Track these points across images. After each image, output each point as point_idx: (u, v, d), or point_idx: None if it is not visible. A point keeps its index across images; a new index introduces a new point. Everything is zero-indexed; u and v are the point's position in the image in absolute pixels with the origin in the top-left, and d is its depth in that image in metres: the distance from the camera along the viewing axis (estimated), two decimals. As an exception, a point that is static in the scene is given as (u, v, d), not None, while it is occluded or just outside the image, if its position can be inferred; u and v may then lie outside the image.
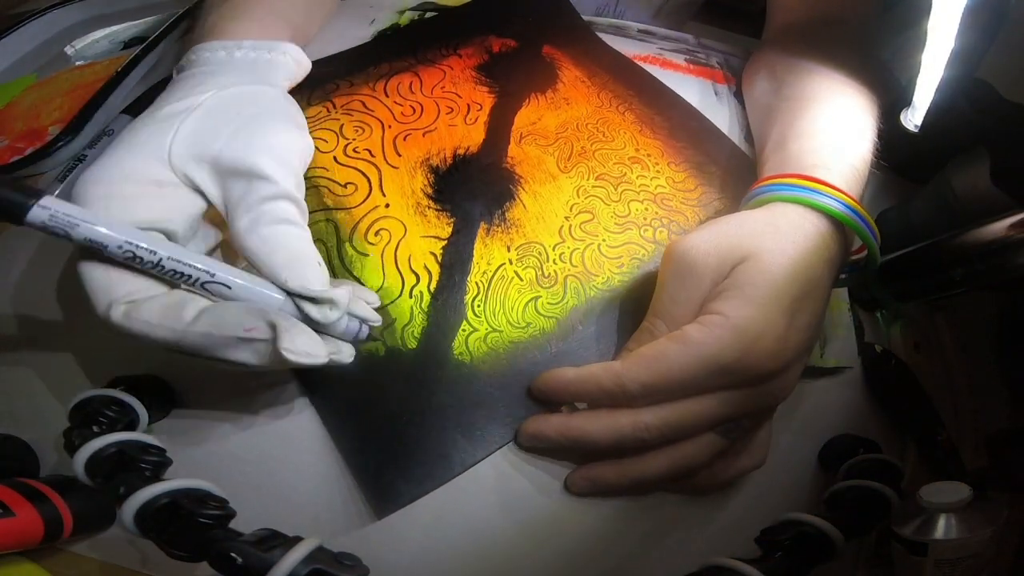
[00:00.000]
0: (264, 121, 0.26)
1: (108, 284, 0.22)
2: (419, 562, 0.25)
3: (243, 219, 0.23)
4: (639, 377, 0.24)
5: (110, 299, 0.21)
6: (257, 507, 0.25)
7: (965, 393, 0.34)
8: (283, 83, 0.31)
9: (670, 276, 0.27)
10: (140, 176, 0.23)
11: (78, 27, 0.47)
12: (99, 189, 0.23)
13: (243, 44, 0.30)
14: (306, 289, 0.23)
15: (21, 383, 0.28)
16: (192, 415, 0.27)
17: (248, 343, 0.21)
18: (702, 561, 0.24)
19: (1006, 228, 0.28)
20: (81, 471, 0.22)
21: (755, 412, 0.26)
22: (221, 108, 0.26)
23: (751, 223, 0.27)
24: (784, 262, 0.25)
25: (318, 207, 0.32)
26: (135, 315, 0.21)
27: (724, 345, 0.23)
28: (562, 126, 0.37)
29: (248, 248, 0.23)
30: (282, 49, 0.31)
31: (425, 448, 0.26)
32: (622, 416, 0.25)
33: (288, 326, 0.21)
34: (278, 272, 0.23)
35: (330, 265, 0.30)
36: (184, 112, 0.25)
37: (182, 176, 0.24)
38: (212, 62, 0.29)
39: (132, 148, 0.24)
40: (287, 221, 0.24)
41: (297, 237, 0.24)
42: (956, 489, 0.25)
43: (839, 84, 0.34)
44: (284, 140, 0.26)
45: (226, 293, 0.23)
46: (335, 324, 0.24)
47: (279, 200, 0.24)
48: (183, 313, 0.21)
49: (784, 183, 0.29)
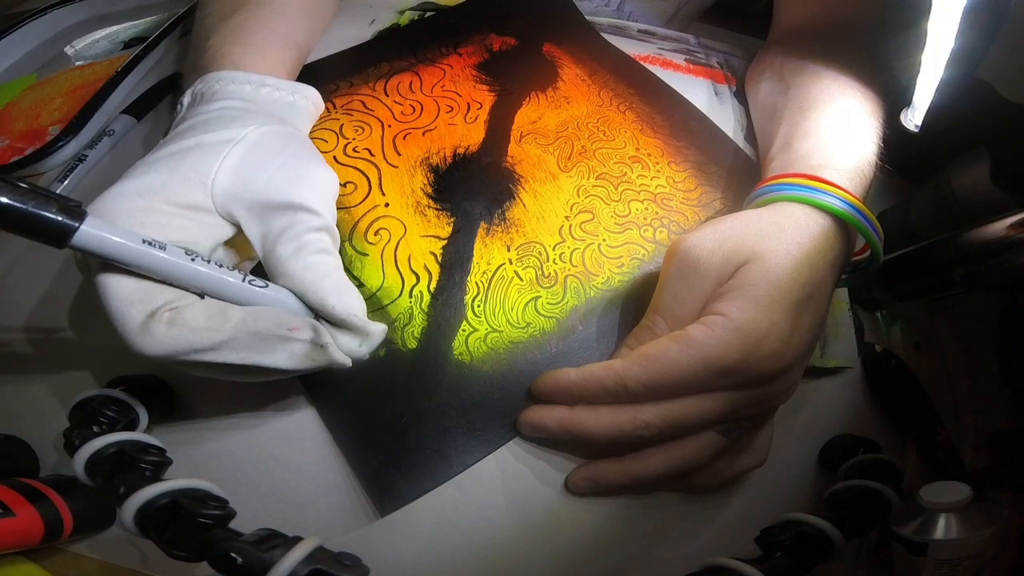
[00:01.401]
0: (304, 158, 0.27)
1: (146, 294, 0.21)
2: (419, 562, 0.25)
3: (287, 247, 0.24)
4: (641, 377, 0.24)
5: (151, 307, 0.21)
6: (257, 507, 0.25)
7: (965, 393, 0.34)
8: (305, 126, 0.33)
9: (673, 273, 0.27)
10: (180, 199, 0.24)
11: (78, 27, 0.47)
12: (139, 202, 0.23)
13: (267, 81, 0.31)
14: (351, 317, 0.23)
15: (21, 383, 0.28)
16: (192, 415, 0.27)
17: (287, 344, 0.22)
18: (702, 561, 0.24)
19: (1006, 228, 0.28)
20: (81, 471, 0.22)
21: (756, 413, 0.26)
22: (264, 143, 0.27)
23: (756, 223, 0.27)
24: (789, 263, 0.25)
25: (318, 207, 0.32)
26: (180, 321, 0.21)
27: (727, 346, 0.23)
28: (562, 125, 0.37)
29: (293, 274, 0.24)
30: (304, 93, 0.32)
31: (425, 448, 0.26)
32: (622, 413, 0.25)
33: (329, 329, 0.23)
34: (326, 297, 0.23)
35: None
36: (228, 143, 0.26)
37: (221, 207, 0.24)
38: (240, 96, 0.29)
39: (176, 170, 0.24)
40: (328, 252, 0.25)
41: (339, 268, 0.25)
42: (956, 489, 0.25)
43: (846, 86, 0.34)
44: (324, 176, 0.27)
45: (260, 298, 0.23)
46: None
47: (323, 232, 0.25)
48: (228, 315, 0.22)
49: (790, 183, 0.29)
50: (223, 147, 0.25)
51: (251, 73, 0.30)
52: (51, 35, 0.46)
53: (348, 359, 0.23)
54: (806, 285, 0.25)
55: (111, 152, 0.37)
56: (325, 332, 0.23)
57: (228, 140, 0.26)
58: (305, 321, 0.23)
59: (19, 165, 0.35)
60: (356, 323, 0.23)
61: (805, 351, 0.26)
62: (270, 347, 0.22)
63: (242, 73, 0.30)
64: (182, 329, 0.21)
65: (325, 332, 0.23)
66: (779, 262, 0.25)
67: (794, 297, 0.25)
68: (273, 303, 0.23)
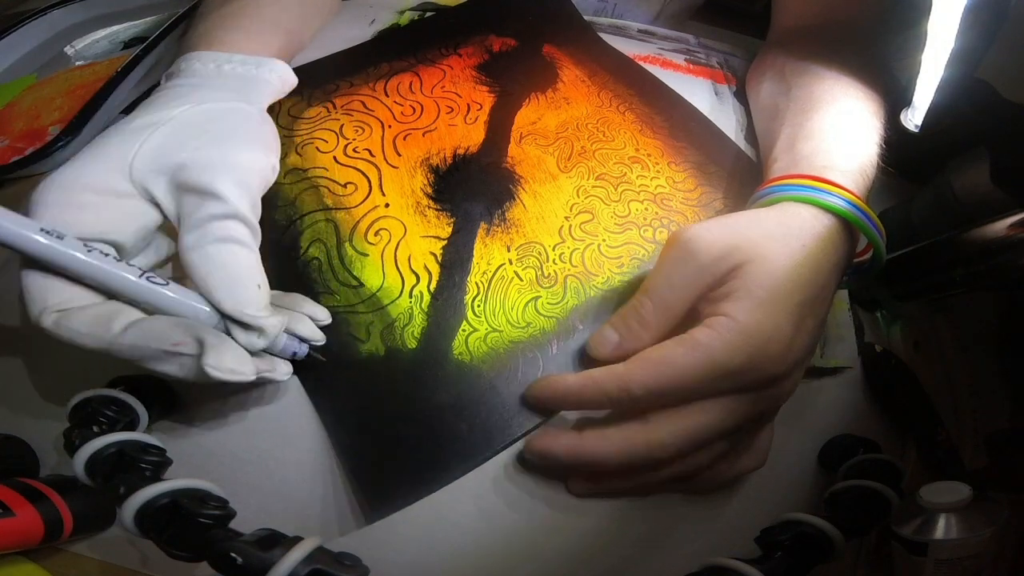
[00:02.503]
0: (230, 140, 0.27)
1: (43, 291, 0.22)
2: (419, 562, 0.25)
3: (189, 235, 0.24)
4: (645, 381, 0.23)
5: (43, 306, 0.22)
6: (257, 507, 0.25)
7: (965, 393, 0.34)
8: (265, 100, 0.31)
9: (669, 259, 0.26)
10: (99, 185, 0.23)
11: (78, 27, 0.47)
12: (57, 195, 0.23)
13: (233, 58, 0.30)
14: (239, 312, 0.23)
15: (21, 383, 0.28)
16: (192, 415, 0.27)
17: (175, 357, 0.22)
18: (702, 561, 0.24)
19: (1006, 228, 0.28)
20: (81, 471, 0.22)
21: (760, 415, 0.26)
22: (190, 124, 0.26)
23: (762, 222, 0.27)
24: (792, 265, 0.25)
25: (318, 207, 0.32)
26: (64, 323, 0.22)
27: (732, 349, 0.23)
28: (562, 126, 0.37)
29: (189, 264, 0.23)
30: (269, 66, 0.31)
31: (425, 448, 0.26)
32: (635, 435, 0.24)
33: (216, 343, 0.22)
34: (212, 292, 0.23)
35: (329, 265, 0.30)
36: (153, 125, 0.25)
37: (140, 188, 0.24)
38: (199, 74, 0.29)
39: (96, 157, 0.24)
40: (234, 240, 0.24)
41: (241, 257, 0.24)
42: (956, 489, 0.25)
43: (848, 86, 0.34)
44: (245, 160, 0.26)
45: (158, 304, 0.23)
46: (273, 343, 0.24)
47: (228, 220, 0.24)
48: (112, 324, 0.22)
49: (795, 183, 0.29)
50: (147, 129, 0.25)
51: (220, 52, 0.30)
52: (51, 35, 0.46)
53: (246, 375, 0.22)
54: (809, 287, 0.25)
55: (111, 152, 0.37)
56: (212, 348, 0.21)
57: (155, 122, 0.25)
58: (190, 335, 0.22)
59: (19, 165, 0.35)
60: (246, 319, 0.23)
61: (807, 353, 0.26)
62: (157, 359, 0.22)
63: (211, 52, 0.30)
64: (64, 331, 0.21)
65: (212, 348, 0.21)
66: (783, 264, 0.25)
67: (797, 299, 0.25)
68: (174, 304, 0.23)
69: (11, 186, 0.36)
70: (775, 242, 0.26)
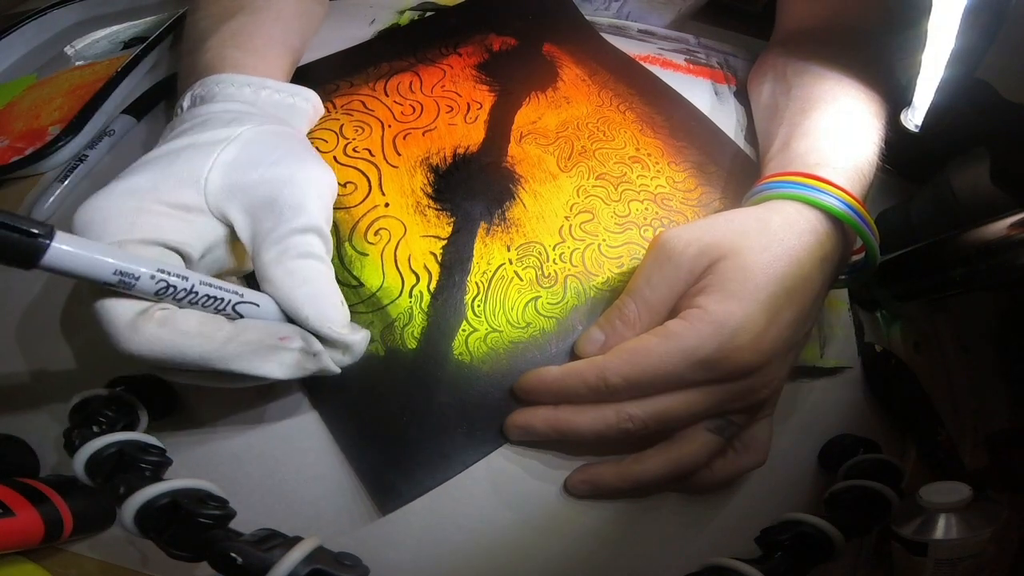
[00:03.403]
0: (300, 156, 0.27)
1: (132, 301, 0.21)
2: (419, 562, 0.25)
3: (271, 251, 0.23)
4: (621, 370, 0.24)
5: (141, 305, 0.21)
6: (257, 507, 0.25)
7: (965, 393, 0.34)
8: (304, 127, 0.33)
9: (650, 260, 0.27)
10: (172, 198, 0.23)
11: (78, 27, 0.47)
12: (131, 203, 0.22)
13: (267, 83, 0.30)
14: (327, 329, 0.23)
15: (21, 383, 0.28)
16: (192, 415, 0.27)
17: (277, 353, 0.22)
18: (702, 561, 0.24)
19: (1006, 228, 0.28)
20: (81, 471, 0.22)
21: (741, 408, 0.26)
22: (259, 141, 0.26)
23: (740, 220, 0.28)
24: (766, 259, 0.26)
25: (318, 207, 0.32)
26: (172, 324, 0.20)
27: (703, 338, 0.24)
28: (562, 125, 0.37)
29: (271, 279, 0.23)
30: (304, 96, 0.32)
31: (425, 448, 0.26)
32: (607, 408, 0.25)
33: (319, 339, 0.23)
34: (300, 308, 0.23)
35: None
36: (223, 141, 0.25)
37: (214, 207, 0.24)
38: (240, 98, 0.29)
39: (168, 170, 0.24)
40: (313, 256, 0.24)
41: (322, 274, 0.24)
42: (956, 489, 0.25)
43: (849, 87, 0.34)
44: (318, 175, 0.26)
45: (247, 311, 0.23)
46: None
47: (308, 234, 0.24)
48: (221, 323, 0.22)
49: (785, 180, 0.29)
50: (217, 146, 0.25)
51: (251, 76, 0.30)
52: (51, 35, 0.46)
53: (337, 367, 0.23)
54: (786, 280, 0.25)
55: (111, 152, 0.37)
56: (315, 340, 0.23)
57: (223, 139, 0.25)
58: (294, 329, 0.22)
59: (19, 165, 0.35)
60: (331, 336, 0.23)
61: (786, 346, 0.26)
62: (261, 357, 0.22)
63: (242, 76, 0.30)
64: (173, 331, 0.20)
65: (315, 340, 0.23)
66: (755, 258, 0.26)
67: (770, 291, 0.25)
68: (251, 311, 0.23)
69: (11, 186, 0.36)
70: (749, 238, 0.26)
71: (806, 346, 0.30)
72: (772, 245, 0.26)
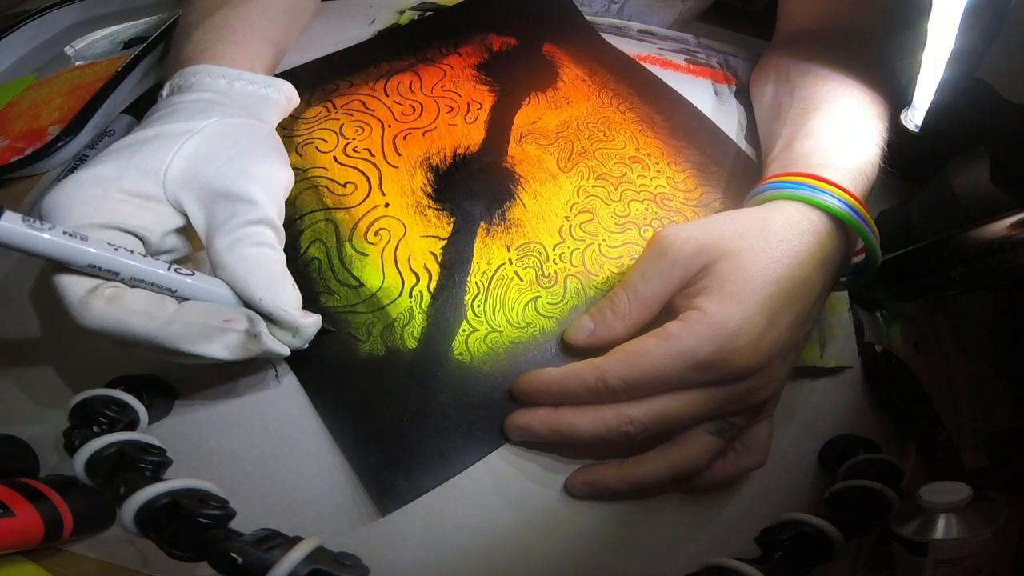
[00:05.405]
0: (257, 152, 0.28)
1: (77, 281, 0.22)
2: (419, 562, 0.25)
3: (225, 239, 0.24)
4: (620, 372, 0.24)
5: (92, 284, 0.22)
6: (257, 507, 0.25)
7: (965, 393, 0.34)
8: (275, 118, 0.33)
9: (646, 255, 0.28)
10: (133, 188, 0.24)
11: (78, 27, 0.47)
12: (94, 191, 0.23)
13: (243, 75, 0.31)
14: (279, 311, 0.24)
15: (21, 383, 0.28)
16: (192, 415, 0.27)
17: (223, 334, 0.23)
18: (702, 561, 0.24)
19: (1006, 228, 0.28)
20: (81, 471, 0.22)
21: (740, 409, 0.26)
22: (221, 135, 0.27)
23: (741, 220, 0.28)
24: (765, 260, 0.26)
25: (318, 207, 0.32)
26: (120, 301, 0.22)
27: (702, 340, 0.24)
28: (562, 125, 0.37)
29: (224, 266, 0.24)
30: (277, 87, 0.33)
31: (425, 448, 0.26)
32: (607, 410, 0.25)
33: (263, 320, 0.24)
34: (254, 291, 0.24)
35: (329, 265, 0.30)
36: (187, 134, 0.26)
37: (172, 197, 0.25)
38: (212, 88, 0.30)
39: (131, 160, 0.25)
40: (266, 244, 0.25)
41: (275, 260, 0.25)
42: (956, 489, 0.25)
43: (852, 88, 0.34)
44: (272, 171, 0.27)
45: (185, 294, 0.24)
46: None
47: (261, 225, 0.25)
48: (165, 303, 0.23)
49: (788, 181, 0.29)
50: (180, 137, 0.26)
51: (227, 67, 0.31)
52: (51, 35, 0.46)
53: (285, 348, 0.24)
54: (785, 281, 0.25)
55: (111, 152, 0.37)
56: (260, 320, 0.23)
57: (187, 131, 0.26)
58: (240, 311, 0.23)
59: (19, 165, 0.35)
60: (284, 317, 0.24)
61: (785, 347, 0.26)
62: (207, 338, 0.22)
63: (218, 67, 0.30)
64: (120, 309, 0.22)
65: (260, 320, 0.23)
66: (753, 259, 0.26)
67: (768, 292, 0.25)
68: (200, 293, 0.24)
69: (11, 186, 0.36)
70: (748, 239, 0.26)
71: (806, 346, 0.30)
72: (771, 246, 0.26)
